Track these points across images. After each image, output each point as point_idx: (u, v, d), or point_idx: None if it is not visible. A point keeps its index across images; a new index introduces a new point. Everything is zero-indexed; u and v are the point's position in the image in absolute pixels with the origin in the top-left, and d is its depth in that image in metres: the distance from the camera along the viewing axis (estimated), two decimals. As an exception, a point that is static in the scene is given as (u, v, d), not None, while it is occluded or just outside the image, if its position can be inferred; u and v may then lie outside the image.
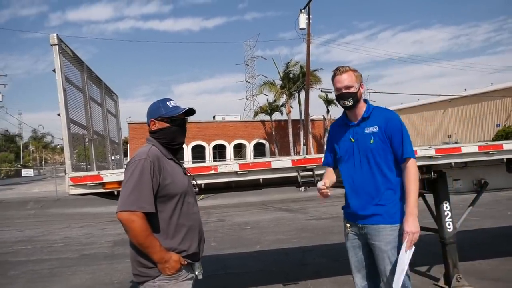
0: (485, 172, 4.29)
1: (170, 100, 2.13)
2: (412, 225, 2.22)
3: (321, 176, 3.72)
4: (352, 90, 2.39)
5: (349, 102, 2.40)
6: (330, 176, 2.58)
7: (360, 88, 2.44)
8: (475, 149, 3.86)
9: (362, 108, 2.46)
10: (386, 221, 2.31)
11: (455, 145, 4.13)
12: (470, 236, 6.45)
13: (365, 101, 2.51)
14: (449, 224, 4.03)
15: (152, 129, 2.11)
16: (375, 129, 2.38)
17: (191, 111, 2.14)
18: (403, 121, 2.45)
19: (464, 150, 3.84)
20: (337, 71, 2.43)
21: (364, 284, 2.48)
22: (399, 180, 2.37)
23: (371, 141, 2.36)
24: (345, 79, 2.39)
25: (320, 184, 2.38)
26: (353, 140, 2.44)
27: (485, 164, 4.17)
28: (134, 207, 1.85)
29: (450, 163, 3.88)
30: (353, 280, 2.53)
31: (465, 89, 40.47)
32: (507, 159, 4.03)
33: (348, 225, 2.50)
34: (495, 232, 6.87)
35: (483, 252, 5.30)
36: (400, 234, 2.29)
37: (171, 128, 2.08)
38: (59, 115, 3.11)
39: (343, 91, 2.40)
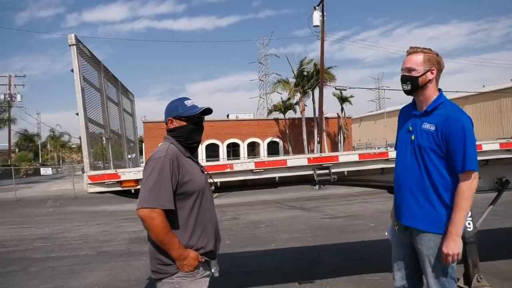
0: (506, 170, 4.17)
1: (188, 99, 2.15)
2: (450, 247, 2.06)
3: (337, 174, 3.70)
4: (414, 73, 2.16)
5: (407, 87, 2.19)
6: None
7: (429, 73, 2.16)
8: (496, 146, 3.77)
9: (430, 98, 2.20)
10: (428, 227, 2.16)
11: (476, 143, 4.03)
12: (490, 235, 6.29)
13: (439, 90, 2.23)
14: (469, 223, 3.94)
15: (170, 127, 2.13)
16: (432, 127, 2.13)
17: (208, 111, 2.15)
18: (470, 125, 2.11)
19: (485, 147, 3.75)
20: (408, 50, 2.23)
21: (403, 283, 2.36)
22: (448, 186, 2.13)
23: (425, 140, 2.15)
24: (409, 60, 2.19)
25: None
26: (411, 129, 2.24)
27: (507, 162, 4.06)
28: (155, 204, 1.87)
29: (471, 161, 3.78)
30: (393, 277, 2.44)
31: (483, 86, 39.63)
32: (530, 156, 3.91)
33: (395, 223, 2.38)
34: (516, 232, 6.70)
35: (504, 252, 5.17)
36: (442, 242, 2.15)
37: (188, 126, 2.10)
38: (77, 114, 3.15)
39: (403, 73, 2.21)
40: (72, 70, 3.15)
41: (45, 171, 33.32)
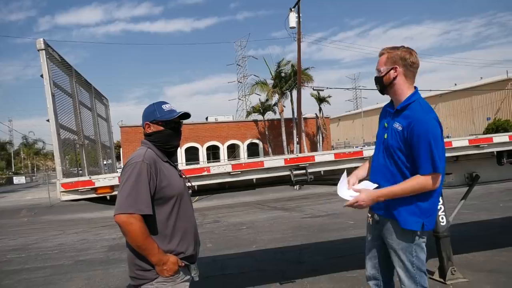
0: (476, 165, 4.33)
1: (166, 103, 2.14)
2: (362, 198, 2.14)
3: (314, 174, 3.75)
4: (377, 74, 2.26)
5: (377, 87, 2.30)
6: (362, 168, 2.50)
7: (392, 71, 2.20)
8: (465, 143, 3.90)
9: (401, 95, 2.23)
10: (398, 221, 2.20)
11: (446, 139, 4.16)
12: (463, 229, 6.50)
13: (415, 88, 2.25)
14: (442, 218, 4.06)
15: (147, 132, 2.11)
16: (400, 128, 2.17)
17: (186, 115, 2.14)
18: (435, 129, 2.08)
19: (455, 144, 3.88)
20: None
21: (373, 272, 2.44)
22: None
23: (393, 140, 2.20)
24: (378, 62, 2.27)
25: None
26: (386, 126, 2.30)
27: (476, 158, 4.21)
28: (132, 210, 1.85)
29: (442, 157, 3.90)
30: (365, 266, 2.50)
31: (455, 84, 40.93)
32: (497, 151, 4.07)
33: (369, 215, 2.43)
34: (488, 224, 6.95)
35: (476, 245, 5.35)
36: (412, 234, 2.20)
37: (165, 131, 2.09)
38: (48, 120, 3.08)
39: (375, 75, 2.30)
40: (42, 76, 3.07)
41: (18, 179, 32.36)
